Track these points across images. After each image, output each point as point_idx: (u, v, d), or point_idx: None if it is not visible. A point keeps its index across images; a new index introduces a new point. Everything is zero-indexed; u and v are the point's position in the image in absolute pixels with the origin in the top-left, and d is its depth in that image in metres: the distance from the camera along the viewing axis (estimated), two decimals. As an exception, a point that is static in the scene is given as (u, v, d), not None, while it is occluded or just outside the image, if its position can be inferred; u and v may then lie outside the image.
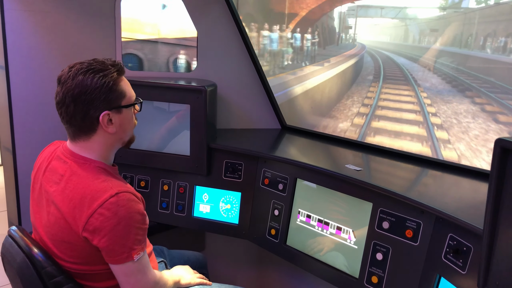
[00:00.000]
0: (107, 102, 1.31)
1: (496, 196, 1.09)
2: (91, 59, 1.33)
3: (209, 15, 2.34)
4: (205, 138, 2.08)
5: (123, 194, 1.29)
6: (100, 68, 1.30)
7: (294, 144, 2.36)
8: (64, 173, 1.35)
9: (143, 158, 2.20)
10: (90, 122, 1.32)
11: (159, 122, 2.22)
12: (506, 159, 1.06)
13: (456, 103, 2.56)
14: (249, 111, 2.52)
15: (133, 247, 1.30)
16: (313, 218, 1.87)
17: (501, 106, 2.22)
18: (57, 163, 1.39)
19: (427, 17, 3.04)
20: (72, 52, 2.18)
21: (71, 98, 1.28)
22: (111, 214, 1.25)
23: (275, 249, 1.99)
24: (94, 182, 1.30)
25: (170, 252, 1.98)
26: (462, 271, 1.34)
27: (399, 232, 1.57)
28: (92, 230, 1.26)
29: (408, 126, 2.47)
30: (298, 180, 1.92)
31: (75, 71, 1.29)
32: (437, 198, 1.57)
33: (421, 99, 2.61)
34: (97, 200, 1.26)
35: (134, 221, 1.30)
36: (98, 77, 1.28)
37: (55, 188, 1.34)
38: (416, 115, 2.57)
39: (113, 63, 1.34)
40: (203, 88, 2.03)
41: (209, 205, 2.19)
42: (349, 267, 1.73)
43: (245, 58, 2.42)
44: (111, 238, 1.26)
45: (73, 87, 1.28)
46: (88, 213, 1.26)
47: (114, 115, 1.33)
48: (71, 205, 1.29)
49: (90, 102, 1.28)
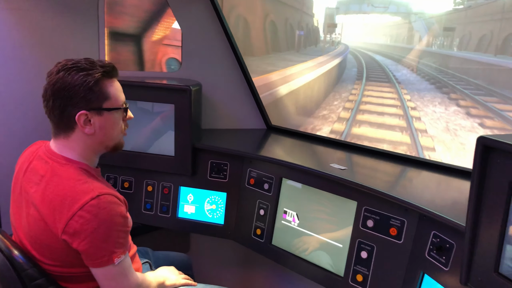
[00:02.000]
0: (85, 101, 1.28)
1: (478, 193, 1.11)
2: (83, 58, 1.32)
3: (193, 14, 2.32)
4: (190, 138, 2.07)
5: (105, 197, 1.26)
6: (86, 67, 1.28)
7: (280, 144, 2.36)
8: (44, 174, 1.32)
9: (127, 158, 2.17)
10: (67, 119, 1.30)
11: (143, 122, 2.20)
12: (487, 156, 1.08)
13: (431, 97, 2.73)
14: (234, 111, 2.52)
15: (114, 250, 1.27)
16: (299, 218, 1.87)
17: (470, 99, 2.36)
18: (38, 163, 1.36)
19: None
20: (54, 51, 2.14)
21: (51, 92, 1.27)
22: (91, 217, 1.23)
23: (261, 249, 1.99)
24: (75, 184, 1.28)
25: (155, 254, 1.96)
26: (445, 267, 1.36)
27: (384, 230, 1.58)
28: (72, 233, 1.24)
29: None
30: (284, 179, 1.92)
31: (60, 67, 1.28)
32: (420, 196, 1.59)
33: (401, 95, 2.70)
34: (78, 202, 1.24)
35: (116, 224, 1.27)
36: (80, 75, 1.26)
37: (35, 189, 1.31)
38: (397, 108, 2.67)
39: (103, 64, 1.32)
40: (188, 87, 2.01)
41: (194, 206, 2.17)
42: (334, 266, 1.74)
43: (230, 57, 2.41)
44: (91, 241, 1.24)
45: (54, 82, 1.27)
46: (68, 216, 1.23)
47: (93, 116, 1.31)
48: (51, 206, 1.26)
49: (68, 99, 1.27)
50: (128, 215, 1.36)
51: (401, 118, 3.80)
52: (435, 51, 5.00)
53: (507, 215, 1.05)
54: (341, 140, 2.37)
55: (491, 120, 3.86)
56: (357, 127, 3.30)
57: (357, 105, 3.89)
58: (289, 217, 1.90)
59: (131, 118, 1.44)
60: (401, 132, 3.57)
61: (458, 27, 4.82)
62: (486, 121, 3.91)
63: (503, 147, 1.03)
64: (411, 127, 3.52)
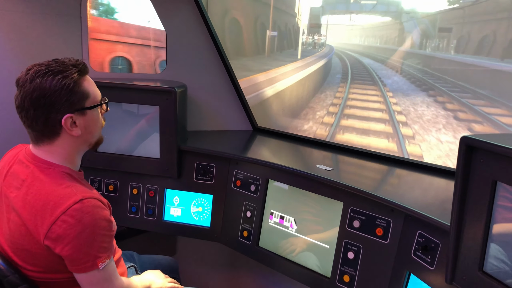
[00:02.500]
0: (69, 104, 1.25)
1: (462, 192, 1.12)
2: (51, 60, 1.27)
3: (178, 15, 2.31)
4: (175, 140, 2.05)
5: (88, 201, 1.24)
6: (60, 69, 1.24)
7: (266, 145, 2.36)
8: (25, 178, 1.29)
9: (111, 161, 2.14)
10: (52, 126, 1.26)
11: (128, 125, 2.17)
12: (471, 156, 1.09)
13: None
14: (220, 113, 2.50)
15: (98, 255, 1.25)
16: (285, 219, 1.87)
17: (450, 97, 2.37)
18: (18, 168, 1.33)
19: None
20: (35, 52, 2.10)
21: (30, 102, 1.22)
22: (75, 221, 1.20)
23: (248, 251, 1.98)
24: (57, 188, 1.25)
25: (140, 257, 1.93)
26: (430, 267, 1.37)
27: (370, 231, 1.59)
28: (55, 238, 1.21)
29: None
30: (270, 181, 1.92)
31: (33, 74, 1.23)
32: (406, 196, 1.60)
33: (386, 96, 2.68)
34: (60, 207, 1.21)
35: (100, 228, 1.25)
36: (57, 79, 1.23)
37: (16, 193, 1.29)
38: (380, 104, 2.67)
39: (74, 63, 1.28)
40: (173, 89, 1.99)
41: (180, 209, 2.15)
42: (321, 267, 1.74)
43: (215, 59, 2.40)
44: (75, 246, 1.21)
45: (31, 91, 1.22)
46: (50, 220, 1.21)
47: (78, 118, 1.28)
48: (32, 211, 1.23)
49: (51, 106, 1.23)
50: (112, 219, 1.33)
51: (391, 139, 3.58)
52: (430, 54, 4.73)
53: (490, 214, 1.06)
54: (327, 141, 2.37)
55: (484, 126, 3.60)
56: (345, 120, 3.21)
57: (337, 121, 3.67)
58: (277, 218, 1.90)
59: (107, 111, 1.42)
60: (388, 140, 3.48)
61: (455, 28, 4.54)
62: (476, 127, 3.71)
63: (486, 147, 1.04)
64: (401, 147, 3.38)
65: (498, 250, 1.07)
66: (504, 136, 1.17)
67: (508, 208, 1.05)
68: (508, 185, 1.02)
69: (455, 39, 4.46)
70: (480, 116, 3.75)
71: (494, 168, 1.04)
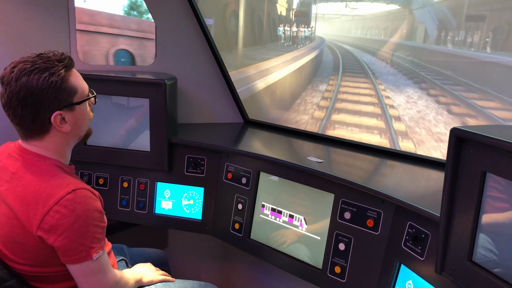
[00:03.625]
0: (57, 101, 1.24)
1: (452, 183, 1.12)
2: (35, 55, 1.25)
3: (168, 7, 2.28)
4: (166, 133, 2.04)
5: (80, 191, 1.24)
6: (46, 66, 1.22)
7: (257, 138, 2.35)
8: (16, 171, 1.28)
9: (101, 155, 2.12)
10: (41, 124, 1.25)
11: (117, 118, 2.15)
12: (461, 147, 1.10)
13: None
14: (211, 105, 2.49)
15: (91, 245, 1.25)
16: (276, 211, 1.87)
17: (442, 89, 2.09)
18: (8, 161, 1.32)
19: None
20: (22, 45, 2.07)
21: (17, 102, 1.20)
22: (68, 212, 1.20)
23: (239, 243, 1.98)
24: (49, 179, 1.24)
25: (131, 250, 1.93)
26: (420, 257, 1.38)
27: (361, 222, 1.60)
28: (48, 229, 1.20)
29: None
30: (261, 173, 1.92)
31: (18, 72, 1.20)
32: (396, 188, 1.61)
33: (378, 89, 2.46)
34: (53, 197, 1.20)
35: (93, 218, 1.25)
36: (44, 76, 1.20)
37: (6, 186, 1.27)
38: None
39: (60, 58, 1.25)
40: (162, 81, 1.98)
41: (171, 202, 2.15)
42: (313, 258, 1.75)
43: (206, 51, 2.38)
44: (68, 237, 1.21)
45: (17, 90, 1.20)
46: (43, 211, 1.20)
47: (66, 114, 1.27)
48: (24, 203, 1.22)
49: (39, 104, 1.21)
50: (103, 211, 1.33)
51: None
52: (453, 52, 3.22)
53: (480, 205, 1.07)
54: (318, 133, 2.37)
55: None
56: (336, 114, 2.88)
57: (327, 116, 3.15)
58: (268, 210, 1.90)
59: (94, 104, 1.41)
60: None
61: (490, 15, 2.86)
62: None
63: (476, 138, 1.05)
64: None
65: (486, 240, 1.08)
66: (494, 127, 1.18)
67: (496, 198, 1.06)
68: (497, 175, 1.03)
69: (490, 31, 2.93)
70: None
71: (483, 159, 1.05)
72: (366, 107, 3.19)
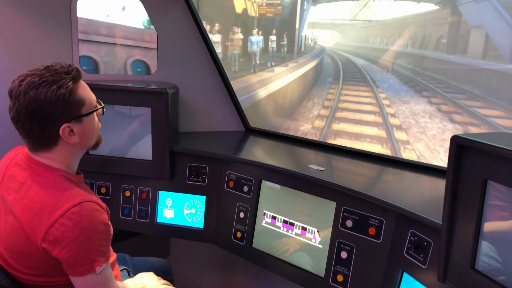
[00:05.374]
0: (65, 114, 1.24)
1: (453, 191, 1.13)
2: (43, 68, 1.25)
3: (169, 16, 2.30)
4: (168, 142, 2.05)
5: (86, 204, 1.24)
6: (54, 79, 1.22)
7: (258, 146, 2.36)
8: (24, 181, 1.28)
9: (103, 163, 2.13)
10: (50, 136, 1.25)
11: (120, 127, 2.16)
12: (462, 155, 1.10)
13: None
14: (212, 114, 2.50)
15: (95, 258, 1.25)
16: (278, 219, 1.87)
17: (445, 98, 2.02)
18: (16, 170, 1.32)
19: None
20: (25, 55, 2.08)
21: (26, 115, 1.21)
22: (73, 224, 1.20)
23: (241, 252, 1.98)
24: (56, 191, 1.24)
25: (133, 260, 1.93)
26: (423, 265, 1.38)
27: (363, 230, 1.60)
28: (52, 241, 1.20)
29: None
30: (263, 181, 1.92)
31: (27, 85, 1.20)
32: (398, 196, 1.61)
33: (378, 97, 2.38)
34: (59, 210, 1.20)
35: (98, 231, 1.25)
36: (52, 90, 1.20)
37: (14, 196, 1.28)
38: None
39: (67, 70, 1.25)
40: (164, 90, 1.99)
41: (173, 210, 2.15)
42: (315, 266, 1.74)
43: (207, 60, 2.40)
44: (72, 249, 1.21)
45: (26, 104, 1.20)
46: (48, 223, 1.20)
47: (75, 125, 1.27)
48: (30, 214, 1.23)
49: (47, 117, 1.22)
50: (110, 223, 1.33)
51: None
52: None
53: (481, 212, 1.07)
54: (320, 141, 2.38)
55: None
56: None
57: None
58: (269, 219, 1.90)
59: (103, 114, 1.41)
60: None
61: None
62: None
63: (476, 146, 1.05)
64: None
65: (489, 248, 1.08)
66: (494, 135, 1.19)
67: (498, 206, 1.06)
68: (499, 183, 1.03)
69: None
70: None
71: (484, 167, 1.05)
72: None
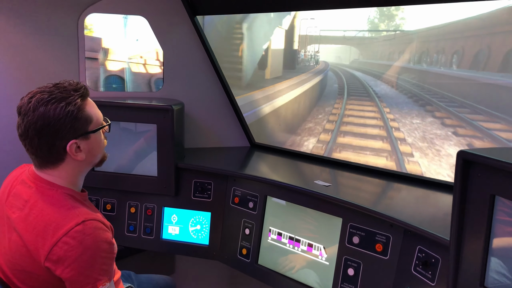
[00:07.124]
0: (73, 130, 1.25)
1: (460, 207, 1.11)
2: (52, 85, 1.27)
3: (175, 34, 2.33)
4: (173, 158, 2.05)
5: (90, 222, 1.23)
6: (63, 96, 1.24)
7: (263, 161, 2.36)
8: (28, 199, 1.28)
9: (108, 180, 2.14)
10: (57, 153, 1.26)
11: (125, 143, 2.17)
12: (468, 170, 1.09)
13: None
14: (217, 130, 2.51)
15: (98, 277, 1.24)
16: (284, 236, 1.86)
17: (455, 116, 1.98)
18: (21, 188, 1.33)
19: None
20: (32, 72, 2.11)
21: (34, 132, 1.22)
22: (76, 243, 1.20)
23: (247, 269, 1.96)
24: (59, 210, 1.24)
25: (138, 277, 1.91)
26: (431, 282, 1.35)
27: (369, 247, 1.58)
28: (56, 260, 1.20)
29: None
30: (268, 197, 1.91)
31: (36, 102, 1.22)
32: (404, 211, 1.60)
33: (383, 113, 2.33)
34: (62, 228, 1.20)
35: (101, 250, 1.24)
36: (61, 106, 1.22)
37: (18, 214, 1.28)
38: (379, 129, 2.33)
39: (76, 88, 1.28)
40: (170, 107, 2.00)
41: (178, 227, 2.14)
42: (321, 284, 1.72)
43: (212, 76, 2.42)
44: (75, 269, 1.20)
45: (35, 120, 1.21)
46: (52, 242, 1.20)
47: (82, 142, 1.28)
48: (34, 232, 1.23)
49: (55, 134, 1.23)
50: (114, 241, 1.32)
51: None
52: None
53: (490, 228, 1.06)
54: (325, 156, 2.37)
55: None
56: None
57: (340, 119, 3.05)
58: (275, 235, 1.88)
59: (109, 131, 1.42)
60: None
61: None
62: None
63: (483, 161, 1.04)
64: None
65: (499, 264, 1.06)
66: (501, 150, 1.18)
67: (507, 222, 1.04)
68: (507, 199, 1.02)
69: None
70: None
71: (491, 183, 1.04)
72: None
